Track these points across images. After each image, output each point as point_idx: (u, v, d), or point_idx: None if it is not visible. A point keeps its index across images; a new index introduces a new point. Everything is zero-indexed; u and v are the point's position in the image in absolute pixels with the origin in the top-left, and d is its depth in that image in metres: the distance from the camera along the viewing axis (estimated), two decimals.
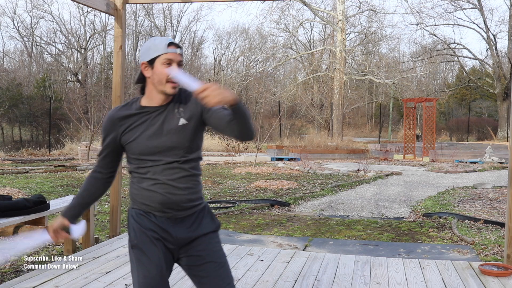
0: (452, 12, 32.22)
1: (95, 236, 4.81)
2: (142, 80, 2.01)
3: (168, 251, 1.99)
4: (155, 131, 1.96)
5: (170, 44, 1.95)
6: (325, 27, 37.02)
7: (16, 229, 5.16)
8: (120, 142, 2.01)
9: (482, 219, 6.33)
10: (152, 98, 1.99)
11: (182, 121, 1.96)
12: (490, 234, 5.68)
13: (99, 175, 2.08)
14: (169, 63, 1.94)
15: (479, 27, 32.86)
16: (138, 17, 38.87)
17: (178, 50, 1.97)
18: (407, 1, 30.25)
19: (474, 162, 16.01)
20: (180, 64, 1.97)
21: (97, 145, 17.80)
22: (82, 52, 36.64)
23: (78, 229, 2.04)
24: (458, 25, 37.60)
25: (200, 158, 2.06)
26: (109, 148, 2.04)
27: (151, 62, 1.94)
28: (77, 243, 4.77)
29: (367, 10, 28.73)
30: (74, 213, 2.05)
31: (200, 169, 2.06)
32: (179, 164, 1.96)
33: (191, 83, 1.84)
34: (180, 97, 2.01)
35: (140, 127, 1.97)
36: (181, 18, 50.45)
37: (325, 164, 15.27)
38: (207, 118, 1.96)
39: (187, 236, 1.98)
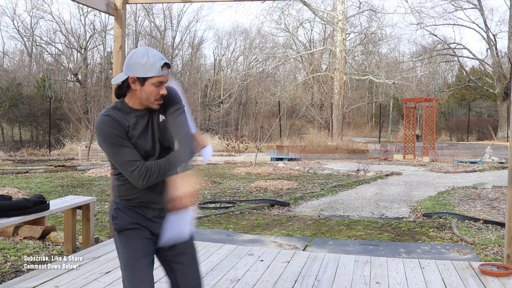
0: (452, 12, 32.24)
1: (95, 236, 4.81)
2: (123, 88, 2.06)
3: (153, 240, 2.15)
4: (144, 131, 2.06)
5: (164, 65, 2.01)
6: (325, 27, 37.03)
7: (16, 229, 5.17)
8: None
9: (482, 219, 6.33)
10: (136, 105, 2.07)
11: (161, 117, 2.08)
12: (490, 234, 5.68)
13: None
14: (159, 85, 2.01)
15: (479, 27, 32.88)
16: (138, 17, 38.87)
17: (168, 71, 2.04)
18: (407, 1, 30.17)
19: (474, 162, 16.01)
20: (165, 83, 2.06)
21: (97, 145, 17.79)
22: (82, 52, 36.64)
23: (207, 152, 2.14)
24: (458, 25, 37.59)
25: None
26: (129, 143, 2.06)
27: (142, 80, 1.99)
28: (77, 243, 4.78)
29: (367, 10, 28.74)
30: None
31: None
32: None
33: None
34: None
35: (136, 128, 2.05)
36: (181, 18, 50.46)
37: (325, 164, 15.27)
38: (166, 119, 2.08)
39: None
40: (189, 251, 2.18)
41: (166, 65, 2.02)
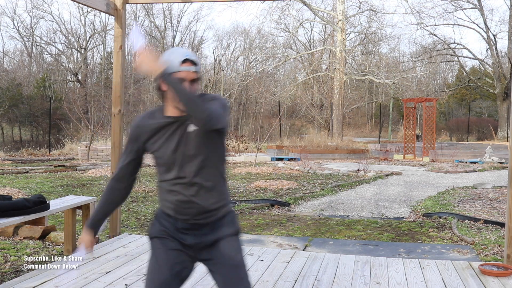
0: (452, 12, 32.24)
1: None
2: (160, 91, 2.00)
3: (184, 251, 2.05)
4: (165, 143, 1.98)
5: (185, 61, 1.91)
6: (325, 27, 37.03)
7: (16, 229, 5.17)
8: (144, 150, 2.06)
9: (482, 219, 6.33)
10: (170, 110, 1.99)
11: (192, 127, 1.96)
12: (490, 234, 5.68)
13: (120, 185, 2.11)
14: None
15: (479, 27, 32.88)
16: (138, 17, 38.87)
17: (192, 68, 1.92)
18: (407, 1, 30.17)
19: (474, 162, 16.00)
20: (193, 81, 1.93)
21: (97, 145, 17.79)
22: (82, 52, 36.64)
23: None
24: (458, 25, 37.59)
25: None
26: (134, 155, 2.07)
27: (165, 76, 1.90)
28: (77, 243, 4.77)
29: (367, 10, 28.74)
30: (99, 224, 2.14)
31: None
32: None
33: (137, 43, 1.89)
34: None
35: (163, 137, 1.99)
36: (181, 18, 50.46)
37: (325, 164, 15.27)
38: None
39: (201, 240, 2.04)
40: (228, 261, 2.03)
41: (189, 61, 1.91)
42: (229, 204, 2.09)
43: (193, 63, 1.93)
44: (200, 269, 3.80)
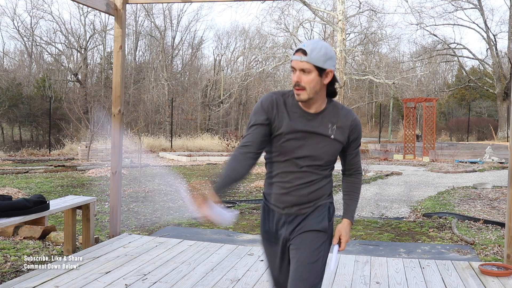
0: (452, 12, 32.26)
1: (95, 236, 4.81)
2: None
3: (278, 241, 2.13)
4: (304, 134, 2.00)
5: (297, 50, 1.93)
6: (325, 27, 37.03)
7: (16, 229, 5.17)
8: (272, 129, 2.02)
9: (482, 219, 6.33)
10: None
11: (332, 137, 2.00)
12: (490, 234, 5.68)
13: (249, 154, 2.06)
14: (292, 70, 1.94)
15: (479, 27, 32.90)
16: (138, 17, 38.85)
17: (299, 57, 1.91)
18: (407, 1, 30.14)
19: (474, 162, 16.00)
20: (303, 70, 1.92)
21: (97, 145, 17.79)
22: (82, 52, 36.63)
23: (229, 215, 1.99)
24: (458, 25, 37.61)
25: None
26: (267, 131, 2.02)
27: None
28: (77, 243, 4.77)
29: (367, 10, 28.70)
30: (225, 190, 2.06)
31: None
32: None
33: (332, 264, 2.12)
34: (336, 113, 2.03)
35: (293, 125, 1.99)
36: (181, 18, 50.47)
37: None
38: (346, 148, 2.08)
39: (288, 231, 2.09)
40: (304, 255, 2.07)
41: (299, 50, 1.92)
42: None
43: (303, 52, 1.92)
44: (200, 269, 3.80)
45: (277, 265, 2.14)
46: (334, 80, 1.98)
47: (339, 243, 2.10)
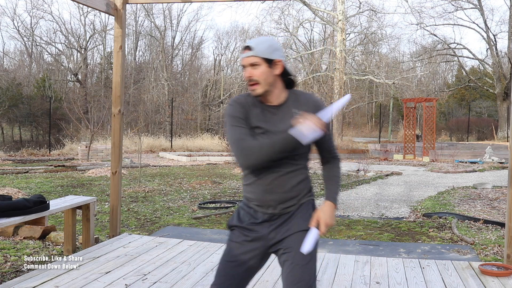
0: (452, 12, 32.29)
1: (95, 236, 4.81)
2: None
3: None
4: (269, 128, 2.00)
5: (243, 49, 1.99)
6: (325, 27, 37.02)
7: (16, 229, 5.17)
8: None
9: (482, 219, 6.33)
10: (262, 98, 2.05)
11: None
12: (490, 234, 5.68)
13: None
14: (243, 68, 1.99)
15: (479, 27, 32.91)
16: (138, 17, 38.89)
17: (245, 54, 1.98)
18: (407, 1, 30.21)
19: (474, 162, 16.01)
20: (252, 65, 1.97)
21: (97, 145, 17.80)
22: (82, 52, 36.64)
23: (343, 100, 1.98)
24: (458, 25, 37.63)
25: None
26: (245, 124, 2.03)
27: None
28: (77, 243, 4.77)
29: (367, 10, 28.72)
30: None
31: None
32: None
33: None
34: (297, 100, 2.05)
35: (257, 122, 2.00)
36: (181, 18, 50.50)
37: None
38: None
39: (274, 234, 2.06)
40: (297, 260, 2.03)
41: (245, 48, 1.99)
42: None
43: (247, 48, 1.98)
44: (200, 269, 3.80)
45: (240, 261, 2.05)
46: (286, 70, 2.01)
47: (318, 226, 2.00)
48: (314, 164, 2.23)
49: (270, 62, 1.96)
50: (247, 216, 2.09)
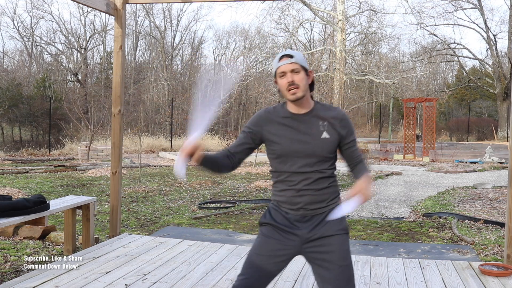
0: (452, 12, 32.28)
1: (95, 236, 4.81)
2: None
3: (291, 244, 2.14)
4: (298, 136, 2.13)
5: (282, 57, 2.12)
6: (325, 27, 37.03)
7: (16, 229, 5.17)
8: (262, 141, 2.21)
9: (482, 219, 6.33)
10: (291, 106, 2.17)
11: (325, 134, 2.12)
12: (490, 234, 5.68)
13: (229, 160, 2.24)
14: (281, 76, 2.11)
15: (479, 27, 32.90)
16: (138, 17, 38.88)
17: (287, 61, 2.10)
18: (407, 1, 30.17)
19: (474, 162, 16.00)
20: (293, 71, 2.10)
21: (97, 145, 17.80)
22: (82, 52, 36.64)
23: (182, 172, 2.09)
24: (458, 25, 37.63)
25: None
26: (249, 141, 2.21)
27: (274, 76, 2.16)
28: (77, 243, 4.77)
29: (367, 10, 28.70)
30: (207, 157, 2.20)
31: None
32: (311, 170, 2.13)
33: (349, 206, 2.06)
34: (323, 110, 2.17)
35: (285, 131, 2.14)
36: (181, 18, 50.49)
37: None
38: (341, 146, 2.18)
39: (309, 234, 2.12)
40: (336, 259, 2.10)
41: (284, 56, 2.12)
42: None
43: (289, 56, 2.12)
44: (200, 269, 3.80)
45: (271, 256, 2.11)
46: (313, 82, 2.19)
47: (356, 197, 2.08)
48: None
49: (306, 71, 2.13)
50: (279, 216, 2.17)
